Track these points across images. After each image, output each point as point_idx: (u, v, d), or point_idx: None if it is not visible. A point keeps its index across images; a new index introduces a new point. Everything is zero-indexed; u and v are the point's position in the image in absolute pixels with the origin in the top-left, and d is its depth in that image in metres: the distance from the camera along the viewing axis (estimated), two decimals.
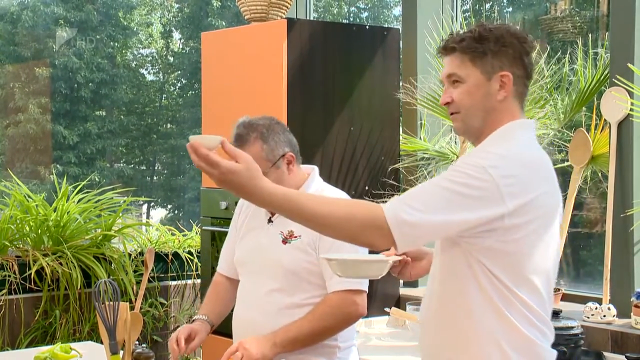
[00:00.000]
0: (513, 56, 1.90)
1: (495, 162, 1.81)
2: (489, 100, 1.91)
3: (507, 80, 1.89)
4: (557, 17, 4.09)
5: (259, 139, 2.49)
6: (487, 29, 1.91)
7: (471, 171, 1.79)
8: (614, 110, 3.30)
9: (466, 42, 1.90)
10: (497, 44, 1.89)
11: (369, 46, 3.93)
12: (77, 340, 4.03)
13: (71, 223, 4.35)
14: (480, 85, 1.90)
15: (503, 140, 1.89)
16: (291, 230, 2.52)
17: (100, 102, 12.13)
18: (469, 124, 1.94)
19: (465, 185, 1.78)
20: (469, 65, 1.91)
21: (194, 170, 11.71)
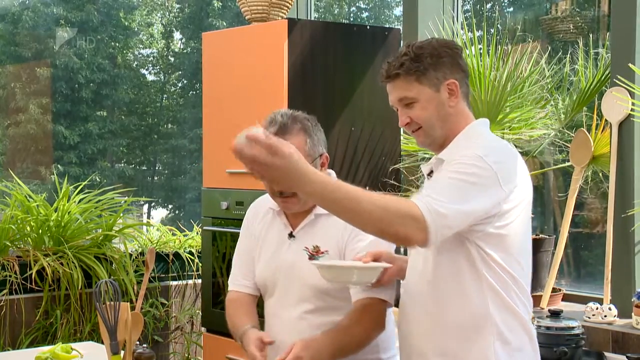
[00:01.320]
0: (450, 63, 2.09)
1: (486, 151, 1.98)
2: (443, 109, 2.08)
3: (454, 87, 2.08)
4: (558, 17, 4.09)
5: (302, 131, 2.34)
6: (419, 47, 2.09)
7: (473, 161, 1.95)
8: (614, 111, 3.30)
9: (406, 65, 2.07)
10: (433, 58, 2.07)
11: (370, 46, 3.93)
12: (78, 340, 4.03)
13: (72, 223, 4.35)
14: (431, 99, 2.07)
15: (474, 138, 2.07)
16: (317, 246, 2.36)
17: (101, 102, 12.14)
18: (432, 134, 2.10)
19: (474, 175, 1.93)
20: (416, 84, 2.07)
21: (194, 171, 11.71)
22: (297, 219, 2.41)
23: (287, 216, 2.43)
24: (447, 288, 2.03)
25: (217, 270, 4.08)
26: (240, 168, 3.91)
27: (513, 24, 4.40)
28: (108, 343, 2.41)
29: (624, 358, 2.88)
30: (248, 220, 2.55)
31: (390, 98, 2.14)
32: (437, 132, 2.10)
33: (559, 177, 4.09)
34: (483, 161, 1.95)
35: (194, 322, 4.75)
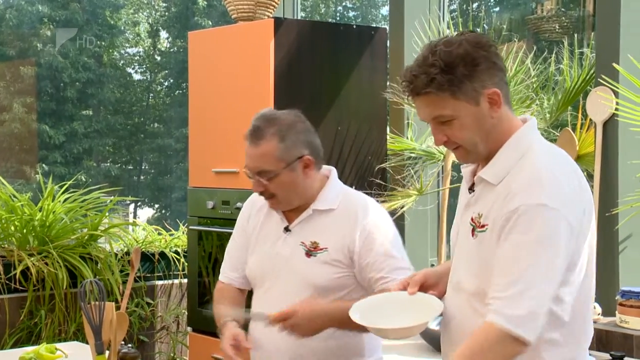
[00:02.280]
0: (487, 68, 1.79)
1: (551, 190, 1.73)
2: (486, 123, 1.80)
3: (495, 96, 1.80)
4: (544, 17, 4.12)
5: (275, 136, 2.28)
6: (449, 54, 1.76)
7: (549, 222, 1.72)
8: (599, 110, 3.32)
9: (438, 79, 1.75)
10: (467, 66, 1.77)
11: (356, 46, 3.93)
12: (63, 340, 4.01)
13: (57, 223, 4.32)
14: (472, 115, 1.79)
15: (527, 156, 1.80)
16: (315, 242, 2.31)
17: (87, 101, 12.11)
18: (474, 152, 1.84)
19: (552, 237, 1.72)
20: (452, 101, 1.77)
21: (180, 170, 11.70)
22: (294, 212, 2.37)
23: (283, 210, 2.40)
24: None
25: (203, 269, 4.07)
26: (226, 167, 3.92)
27: (499, 23, 4.42)
28: (93, 343, 2.40)
29: (608, 356, 2.90)
30: (243, 216, 2.51)
31: (421, 114, 1.84)
32: (479, 148, 1.82)
33: None
34: (552, 211, 1.71)
35: (179, 322, 4.73)
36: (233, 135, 3.89)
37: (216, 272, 3.98)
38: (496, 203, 1.79)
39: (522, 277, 1.70)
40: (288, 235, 2.36)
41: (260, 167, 2.28)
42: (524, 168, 1.78)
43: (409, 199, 3.76)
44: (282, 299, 2.30)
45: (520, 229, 1.72)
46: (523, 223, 1.72)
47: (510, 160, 1.80)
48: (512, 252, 1.73)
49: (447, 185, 3.76)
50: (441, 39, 1.83)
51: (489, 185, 1.83)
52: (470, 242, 1.85)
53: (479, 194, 1.86)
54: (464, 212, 1.91)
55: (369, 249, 2.28)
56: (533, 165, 1.78)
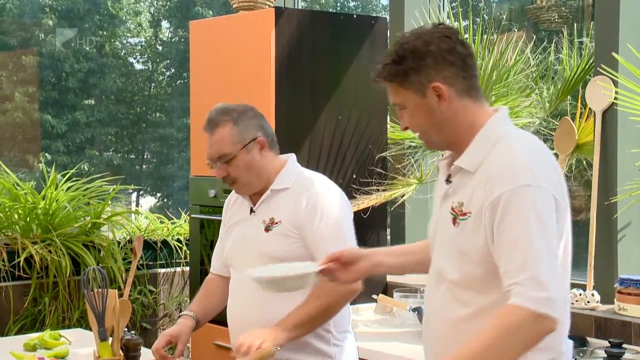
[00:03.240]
0: (435, 63, 1.85)
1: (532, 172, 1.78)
2: (435, 115, 1.87)
3: (440, 90, 1.85)
4: (543, 6, 4.12)
5: (229, 121, 2.50)
6: (403, 46, 1.87)
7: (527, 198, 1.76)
8: (598, 99, 3.33)
9: (388, 69, 1.87)
10: (415, 60, 1.85)
11: (357, 35, 3.94)
12: (66, 327, 4.05)
13: (60, 211, 4.35)
14: (419, 105, 1.87)
15: (500, 145, 1.84)
16: (272, 218, 2.51)
17: (89, 91, 12.10)
18: (431, 140, 1.93)
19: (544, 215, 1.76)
20: (401, 90, 1.88)
21: (182, 159, 11.70)
22: (257, 196, 2.57)
23: (251, 196, 2.59)
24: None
25: (205, 257, 4.10)
26: None
27: (499, 13, 4.42)
28: (96, 330, 2.43)
29: (607, 343, 2.93)
30: (225, 209, 2.73)
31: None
32: (434, 138, 1.92)
33: None
34: (537, 189, 1.76)
35: (182, 309, 4.77)
36: None
37: None
38: (477, 190, 1.83)
39: (532, 259, 1.73)
40: (253, 216, 2.56)
41: (219, 152, 2.49)
42: (499, 153, 1.83)
43: (409, 188, 3.79)
44: (244, 276, 2.44)
45: (513, 214, 1.76)
46: (513, 207, 1.76)
47: (484, 147, 1.86)
48: (512, 237, 1.75)
49: None
50: (411, 32, 1.93)
51: (466, 174, 1.87)
52: (452, 231, 1.88)
53: (457, 183, 1.90)
54: (442, 203, 1.95)
55: (312, 217, 2.45)
56: (510, 149, 1.83)
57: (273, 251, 2.47)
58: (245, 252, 2.55)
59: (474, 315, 1.86)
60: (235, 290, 2.60)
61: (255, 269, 2.23)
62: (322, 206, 2.46)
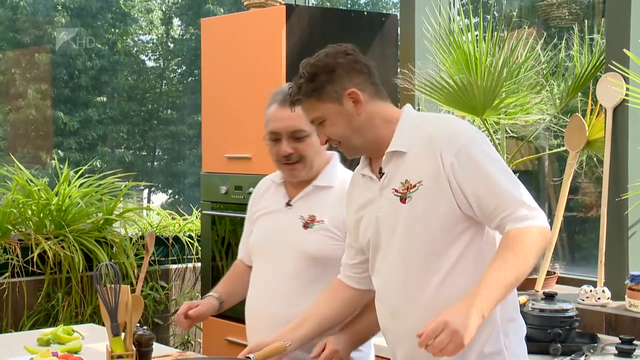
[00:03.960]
0: (345, 72, 2.05)
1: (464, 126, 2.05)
2: (354, 120, 2.05)
3: (355, 95, 2.04)
4: (554, 3, 4.12)
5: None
6: (313, 66, 2.05)
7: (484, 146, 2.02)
8: (609, 96, 3.33)
9: (304, 88, 2.05)
10: (327, 74, 2.04)
11: (367, 32, 3.95)
12: (79, 322, 4.08)
13: (73, 207, 4.38)
14: (338, 113, 2.05)
15: (424, 122, 2.07)
16: (312, 215, 2.45)
17: (101, 88, 12.16)
18: (354, 146, 2.08)
19: (493, 155, 2.02)
20: (319, 104, 2.05)
21: (193, 156, 11.76)
22: (296, 189, 2.51)
23: (286, 187, 2.53)
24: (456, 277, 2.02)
25: (217, 253, 4.12)
26: (238, 153, 3.96)
27: (509, 10, 4.42)
28: (109, 325, 2.42)
29: (617, 339, 2.93)
30: (252, 198, 2.67)
31: (306, 120, 2.14)
32: (357, 142, 2.08)
33: (554, 162, 4.13)
34: (478, 138, 2.02)
35: None
36: (245, 122, 3.93)
37: (229, 256, 4.04)
38: (421, 161, 2.01)
39: (509, 191, 1.96)
40: (289, 210, 2.49)
41: (296, 126, 2.41)
42: (430, 128, 2.04)
43: None
44: (277, 270, 2.45)
45: (473, 164, 1.97)
46: (470, 159, 1.97)
47: (409, 130, 2.06)
48: (484, 184, 1.96)
49: None
50: (314, 55, 2.11)
51: (401, 155, 2.04)
52: (405, 208, 2.02)
53: (393, 169, 2.06)
54: (378, 199, 2.09)
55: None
56: (438, 120, 2.08)
57: (312, 250, 2.42)
58: (278, 246, 2.48)
59: (451, 272, 2.01)
60: (258, 282, 2.54)
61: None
62: None
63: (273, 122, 2.45)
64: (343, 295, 2.30)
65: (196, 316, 2.58)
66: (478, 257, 2.02)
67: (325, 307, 2.31)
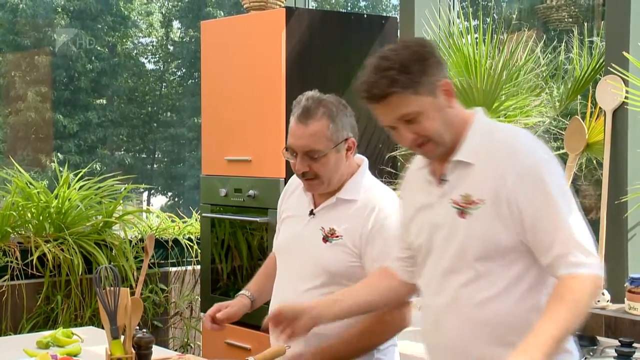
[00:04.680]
0: (435, 62, 1.92)
1: (538, 146, 1.91)
2: (446, 113, 1.93)
3: (448, 87, 1.93)
4: (553, 6, 4.13)
5: (326, 116, 2.33)
6: (400, 55, 1.88)
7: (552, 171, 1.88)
8: (609, 99, 3.33)
9: (400, 80, 1.86)
10: (420, 63, 1.89)
11: (367, 35, 3.96)
12: (79, 325, 4.08)
13: (72, 210, 4.39)
14: (434, 106, 1.90)
15: (495, 132, 1.94)
16: (333, 229, 2.38)
17: (101, 91, 12.16)
18: (442, 143, 1.94)
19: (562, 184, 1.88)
20: (415, 97, 1.88)
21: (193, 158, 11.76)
22: (321, 198, 2.44)
23: (312, 194, 2.47)
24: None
25: (216, 256, 4.12)
26: (238, 155, 3.96)
27: (509, 12, 4.43)
28: (108, 328, 2.42)
29: (617, 342, 2.93)
30: (281, 198, 2.61)
31: (385, 119, 1.94)
32: (446, 138, 1.93)
33: None
34: (548, 161, 1.88)
35: (193, 308, 4.80)
36: (245, 124, 3.93)
37: (229, 259, 4.04)
38: (486, 178, 1.89)
39: (569, 229, 1.83)
40: (312, 219, 2.43)
41: (310, 147, 2.32)
42: (498, 142, 1.92)
43: None
44: (294, 278, 2.42)
45: (537, 190, 1.84)
46: (535, 184, 1.85)
47: (479, 139, 1.93)
48: (544, 213, 1.84)
49: None
50: (384, 48, 1.96)
51: (466, 167, 1.93)
52: (462, 223, 1.92)
53: (456, 179, 1.95)
54: (436, 205, 1.98)
55: (373, 240, 2.35)
56: (510, 134, 1.94)
57: (331, 265, 2.37)
58: (298, 255, 2.44)
59: (502, 294, 1.91)
60: (278, 287, 2.50)
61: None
62: (387, 231, 2.33)
63: (290, 138, 2.36)
64: (389, 284, 2.20)
65: (225, 318, 2.50)
66: (533, 286, 1.91)
67: (367, 290, 2.21)
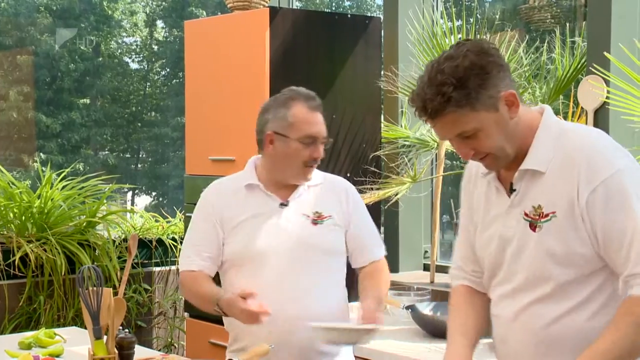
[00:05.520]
0: (497, 72, 1.78)
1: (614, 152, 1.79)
2: (508, 126, 1.80)
3: (511, 97, 1.80)
4: (536, 6, 4.15)
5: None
6: (457, 68, 1.75)
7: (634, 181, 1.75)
8: (590, 98, 3.36)
9: (454, 97, 1.74)
10: (478, 76, 1.75)
11: (351, 35, 3.97)
12: (62, 325, 4.06)
13: (55, 210, 4.37)
14: (495, 121, 1.78)
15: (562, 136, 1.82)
16: (318, 212, 2.54)
17: (84, 90, 12.11)
18: (504, 156, 1.83)
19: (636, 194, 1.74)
20: (473, 114, 1.76)
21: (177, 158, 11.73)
22: (284, 190, 2.57)
23: (271, 189, 2.56)
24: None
25: None
26: (222, 155, 3.96)
27: (492, 13, 4.46)
28: (91, 328, 2.43)
29: None
30: (207, 206, 2.63)
31: (441, 134, 1.84)
32: (508, 151, 1.82)
33: None
34: (628, 170, 1.75)
35: (177, 308, 4.79)
36: (229, 124, 3.93)
37: None
38: (558, 188, 1.79)
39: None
40: (285, 210, 2.53)
41: (325, 133, 2.56)
42: (573, 149, 1.79)
43: (402, 187, 3.81)
44: (295, 270, 2.49)
45: (615, 203, 1.74)
46: (613, 195, 1.74)
47: (548, 145, 1.81)
48: (621, 228, 1.73)
49: (441, 172, 3.80)
50: (442, 55, 1.81)
51: (536, 175, 1.82)
52: (533, 237, 1.82)
53: (525, 188, 1.84)
54: (506, 216, 1.88)
55: (361, 215, 2.67)
56: (582, 135, 1.81)
57: (328, 245, 2.55)
58: (287, 245, 2.50)
59: (574, 310, 1.83)
60: (271, 287, 2.47)
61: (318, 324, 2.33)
62: (362, 205, 2.69)
63: (309, 126, 2.50)
64: (480, 301, 2.03)
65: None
66: (608, 301, 1.82)
67: (472, 319, 2.03)
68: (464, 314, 2.03)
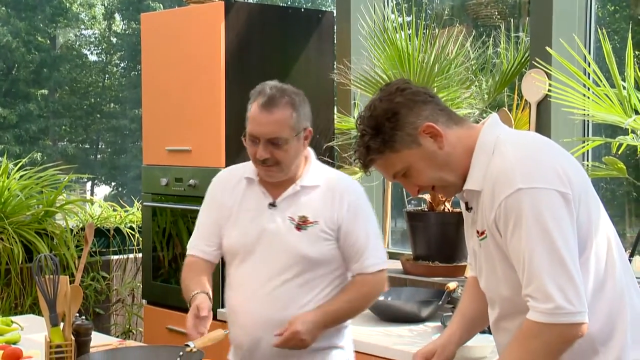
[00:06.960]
0: (409, 109, 1.81)
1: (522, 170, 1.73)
2: (438, 157, 1.82)
3: (431, 129, 1.81)
4: (482, 2, 4.27)
5: (289, 105, 2.39)
6: (371, 118, 1.82)
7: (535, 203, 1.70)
8: (533, 91, 3.49)
9: (373, 145, 1.81)
10: (389, 121, 1.80)
11: (305, 29, 4.05)
12: (19, 313, 4.08)
13: (12, 199, 4.37)
14: (421, 157, 1.82)
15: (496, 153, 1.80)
16: (303, 216, 2.41)
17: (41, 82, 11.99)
18: (451, 184, 1.86)
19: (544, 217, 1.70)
20: (395, 155, 1.82)
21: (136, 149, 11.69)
22: (277, 189, 2.46)
23: (265, 185, 2.48)
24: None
25: (157, 244, 4.18)
26: (179, 146, 4.02)
27: (441, 8, 4.57)
28: (47, 315, 2.44)
29: None
30: (214, 191, 2.57)
31: (385, 176, 1.91)
32: (449, 179, 1.84)
33: None
34: (532, 191, 1.70)
35: (134, 295, 4.84)
36: (185, 115, 3.99)
37: (170, 247, 4.10)
38: (484, 206, 1.81)
39: (535, 269, 1.70)
40: (274, 211, 2.44)
41: (275, 134, 2.36)
42: (493, 167, 1.79)
43: (355, 176, 3.91)
44: (271, 271, 2.42)
45: (512, 223, 1.73)
46: (511, 215, 1.73)
47: (483, 160, 1.82)
48: (517, 248, 1.73)
49: None
50: (365, 107, 1.88)
51: (476, 194, 1.84)
52: (483, 254, 1.89)
53: (475, 207, 1.87)
54: (471, 232, 1.93)
55: (354, 221, 2.43)
56: (501, 155, 1.79)
57: (309, 252, 2.40)
58: (270, 249, 2.43)
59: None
60: (245, 285, 2.46)
61: None
62: (365, 209, 2.46)
63: (253, 125, 2.39)
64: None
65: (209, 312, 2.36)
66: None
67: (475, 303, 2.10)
68: (467, 298, 2.14)
